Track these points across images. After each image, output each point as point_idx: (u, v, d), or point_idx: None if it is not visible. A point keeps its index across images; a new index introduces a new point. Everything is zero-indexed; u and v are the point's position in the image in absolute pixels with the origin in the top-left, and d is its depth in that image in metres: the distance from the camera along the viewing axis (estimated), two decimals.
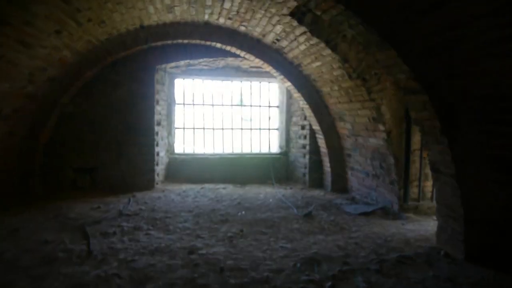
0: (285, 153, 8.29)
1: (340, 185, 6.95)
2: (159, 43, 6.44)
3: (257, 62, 6.86)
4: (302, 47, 5.57)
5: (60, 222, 4.77)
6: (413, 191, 5.27)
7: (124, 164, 6.77)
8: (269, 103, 8.44)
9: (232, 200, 6.16)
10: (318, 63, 5.73)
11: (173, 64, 7.14)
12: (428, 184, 5.32)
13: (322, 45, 5.06)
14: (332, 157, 6.95)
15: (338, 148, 6.91)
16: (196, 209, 5.53)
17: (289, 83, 6.85)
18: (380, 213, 5.42)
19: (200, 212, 5.39)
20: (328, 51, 5.13)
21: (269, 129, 8.49)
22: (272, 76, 7.84)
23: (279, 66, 6.68)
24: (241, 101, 8.42)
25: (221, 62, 7.35)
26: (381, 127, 5.21)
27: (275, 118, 8.52)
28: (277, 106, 8.44)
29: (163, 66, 7.09)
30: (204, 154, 8.02)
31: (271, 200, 6.29)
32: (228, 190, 7.02)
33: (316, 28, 4.82)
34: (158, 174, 7.18)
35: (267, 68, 6.91)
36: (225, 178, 7.77)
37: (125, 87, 6.68)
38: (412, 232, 4.54)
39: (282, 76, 6.81)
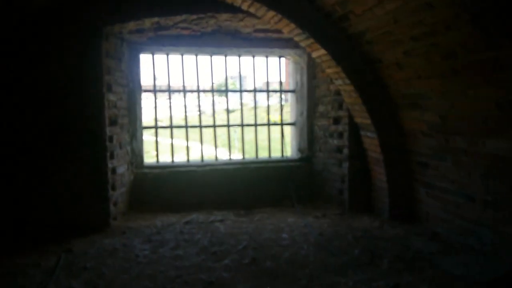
0: (307, 159, 5.67)
1: (405, 210, 4.42)
2: None
3: (270, 18, 4.23)
4: None
5: None
6: None
7: (55, 192, 4.08)
8: (281, 87, 5.83)
9: (240, 252, 3.55)
10: (393, 4, 3.13)
11: (133, 25, 4.43)
12: None
13: None
14: (392, 166, 4.40)
15: (401, 152, 4.37)
16: (177, 284, 2.92)
17: (322, 51, 4.24)
18: None
19: None
20: None
21: (281, 124, 5.88)
22: (285, 47, 5.26)
23: (307, 22, 4.06)
24: (240, 84, 5.76)
25: (210, 22, 4.67)
26: None
27: (291, 108, 5.90)
28: (293, 91, 5.81)
29: (116, 28, 4.37)
30: (188, 165, 5.35)
31: (305, 246, 3.70)
32: (228, 225, 4.41)
33: None
34: (116, 203, 4.50)
35: (286, 27, 4.28)
36: (221, 201, 5.15)
37: (51, 64, 3.97)
38: None
39: (310, 40, 4.20)
